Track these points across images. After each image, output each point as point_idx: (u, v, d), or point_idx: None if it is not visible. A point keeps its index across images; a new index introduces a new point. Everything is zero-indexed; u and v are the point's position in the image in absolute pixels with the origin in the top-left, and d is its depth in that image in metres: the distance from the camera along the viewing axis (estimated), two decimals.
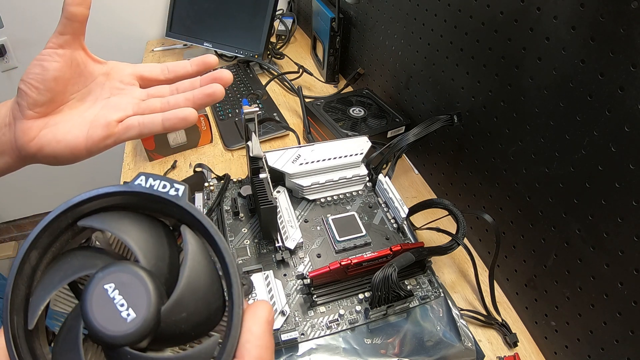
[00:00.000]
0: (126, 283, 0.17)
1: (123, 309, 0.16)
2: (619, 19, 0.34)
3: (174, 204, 0.19)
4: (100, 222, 0.19)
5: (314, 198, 0.56)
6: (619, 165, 0.37)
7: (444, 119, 0.58)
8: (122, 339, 0.16)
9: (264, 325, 0.19)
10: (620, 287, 0.38)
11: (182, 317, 0.18)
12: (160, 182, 0.19)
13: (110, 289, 0.17)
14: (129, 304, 0.17)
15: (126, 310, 0.16)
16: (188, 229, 0.19)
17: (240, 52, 1.05)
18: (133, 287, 0.17)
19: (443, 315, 0.46)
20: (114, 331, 0.16)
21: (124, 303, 0.17)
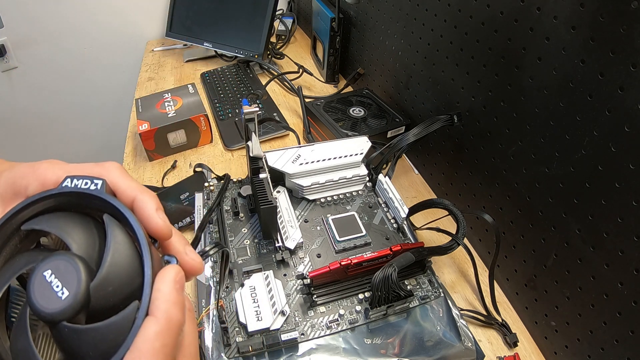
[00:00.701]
0: (61, 268, 0.19)
1: (58, 290, 0.19)
2: (619, 19, 0.34)
3: (94, 196, 0.22)
4: (37, 222, 0.21)
5: (314, 198, 0.56)
6: (619, 165, 0.37)
7: (444, 119, 0.58)
8: (59, 314, 0.19)
9: (171, 284, 0.21)
10: (620, 287, 0.38)
11: (109, 291, 0.20)
12: (83, 181, 0.22)
13: (47, 274, 0.19)
14: (63, 284, 0.19)
15: (61, 290, 0.19)
16: (109, 216, 0.22)
17: (240, 52, 1.05)
18: (66, 271, 0.19)
19: (443, 315, 0.46)
20: (51, 308, 0.19)
21: (59, 284, 0.19)
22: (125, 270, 0.21)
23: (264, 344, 0.40)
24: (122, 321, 0.20)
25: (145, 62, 1.17)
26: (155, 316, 0.19)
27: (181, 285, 0.22)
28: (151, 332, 0.19)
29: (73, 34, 1.24)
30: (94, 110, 1.40)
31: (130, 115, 0.92)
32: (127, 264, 0.21)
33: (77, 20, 1.22)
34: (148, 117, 0.77)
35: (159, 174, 0.76)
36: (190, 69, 1.12)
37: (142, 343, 0.18)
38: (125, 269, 0.21)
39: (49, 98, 1.31)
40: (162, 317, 0.19)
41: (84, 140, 1.46)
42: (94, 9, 1.21)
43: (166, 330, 0.19)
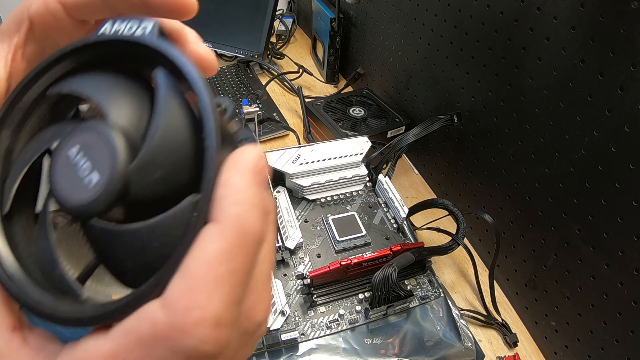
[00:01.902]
0: (90, 144, 0.14)
1: (85, 174, 0.14)
2: (619, 19, 0.34)
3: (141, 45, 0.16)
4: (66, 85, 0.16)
5: (314, 198, 0.56)
6: (619, 165, 0.37)
7: (444, 119, 0.58)
8: (85, 207, 0.14)
9: (248, 176, 0.14)
10: (620, 287, 0.38)
11: (156, 177, 0.14)
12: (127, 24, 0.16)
13: (73, 153, 0.14)
14: (93, 167, 0.14)
15: (89, 175, 0.14)
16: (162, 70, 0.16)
17: (240, 52, 1.05)
18: (98, 147, 0.14)
19: (443, 315, 0.46)
20: (75, 199, 0.14)
21: (88, 166, 0.14)
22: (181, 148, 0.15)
23: (263, 343, 0.40)
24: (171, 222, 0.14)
25: None
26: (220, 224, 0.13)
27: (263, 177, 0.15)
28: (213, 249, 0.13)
29: None
30: None
31: None
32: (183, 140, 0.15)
33: None
34: None
35: None
36: None
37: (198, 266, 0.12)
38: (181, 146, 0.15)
39: None
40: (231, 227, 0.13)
41: None
42: None
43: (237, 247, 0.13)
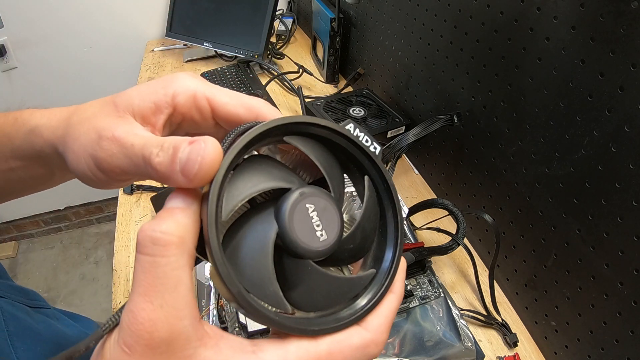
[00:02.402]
0: (323, 208, 0.20)
1: (318, 229, 0.19)
2: (619, 19, 0.34)
3: (369, 158, 0.23)
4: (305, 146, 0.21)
5: None
6: (619, 165, 0.37)
7: (444, 119, 0.58)
8: (314, 253, 0.19)
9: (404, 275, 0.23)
10: (620, 287, 0.38)
11: (349, 247, 0.21)
12: (365, 136, 0.23)
13: (310, 208, 0.19)
14: (323, 226, 0.19)
15: (320, 230, 0.19)
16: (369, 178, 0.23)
17: (240, 52, 1.05)
18: (328, 213, 0.20)
19: (443, 315, 0.46)
20: (309, 245, 0.19)
21: (320, 224, 0.19)
22: (368, 233, 0.22)
23: None
24: (359, 281, 0.21)
25: (145, 62, 1.17)
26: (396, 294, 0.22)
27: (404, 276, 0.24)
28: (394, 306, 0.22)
29: (73, 34, 1.24)
30: None
31: None
32: (370, 228, 0.22)
33: (77, 20, 1.22)
34: None
35: None
36: (190, 69, 1.12)
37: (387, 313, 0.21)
38: (367, 233, 0.22)
39: (49, 98, 1.31)
40: (399, 297, 0.22)
41: None
42: (94, 8, 1.21)
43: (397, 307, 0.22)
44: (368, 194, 0.22)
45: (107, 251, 1.69)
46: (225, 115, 0.24)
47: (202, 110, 0.24)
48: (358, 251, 0.22)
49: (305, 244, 0.19)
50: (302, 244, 0.19)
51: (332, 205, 0.20)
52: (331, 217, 0.20)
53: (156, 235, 0.17)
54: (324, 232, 0.19)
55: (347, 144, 0.22)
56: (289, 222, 0.19)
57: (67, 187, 1.37)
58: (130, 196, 0.71)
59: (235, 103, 0.24)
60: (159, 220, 0.17)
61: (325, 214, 0.20)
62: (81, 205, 1.68)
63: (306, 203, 0.19)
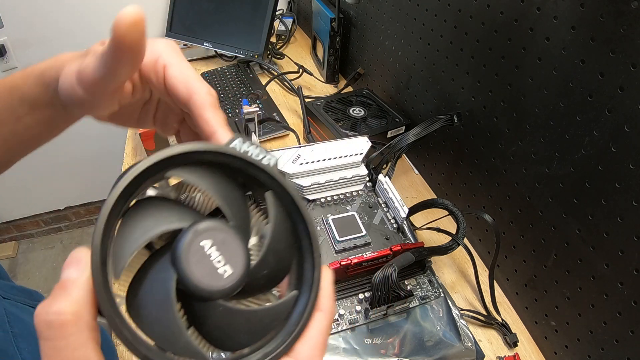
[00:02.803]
0: (222, 241, 0.18)
1: (220, 265, 0.18)
2: (619, 19, 0.34)
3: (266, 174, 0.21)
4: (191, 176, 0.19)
5: (314, 198, 0.56)
6: (619, 165, 0.37)
7: (444, 119, 0.58)
8: (220, 293, 0.17)
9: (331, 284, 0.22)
10: (620, 287, 0.38)
11: (263, 274, 0.20)
12: (256, 149, 0.20)
13: (207, 245, 0.18)
14: (225, 261, 0.18)
15: (223, 266, 0.18)
16: (271, 194, 0.21)
17: (240, 52, 1.05)
18: (229, 246, 0.18)
19: (443, 315, 0.46)
20: (212, 286, 0.17)
21: (221, 260, 0.18)
22: (281, 255, 0.21)
23: None
24: (280, 308, 0.20)
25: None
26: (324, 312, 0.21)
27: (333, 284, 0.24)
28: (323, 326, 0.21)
29: (73, 34, 1.24)
30: None
31: None
32: (282, 250, 0.21)
33: (77, 20, 1.22)
34: None
35: None
36: None
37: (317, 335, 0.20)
38: (281, 254, 0.21)
39: None
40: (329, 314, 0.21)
41: (84, 140, 1.46)
42: (94, 9, 1.22)
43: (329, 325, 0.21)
44: (273, 211, 0.20)
45: None
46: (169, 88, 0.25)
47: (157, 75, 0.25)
48: (276, 274, 0.21)
49: (208, 285, 0.17)
50: (204, 287, 0.17)
51: (233, 236, 0.18)
52: (233, 250, 0.18)
53: (50, 318, 0.16)
54: (228, 267, 0.18)
55: (239, 162, 0.20)
56: (186, 266, 0.17)
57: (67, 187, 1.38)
58: None
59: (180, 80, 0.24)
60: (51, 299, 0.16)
61: (225, 248, 0.18)
62: (81, 205, 1.68)
63: (201, 241, 0.17)
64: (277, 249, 0.20)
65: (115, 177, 0.20)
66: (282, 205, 0.21)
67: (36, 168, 1.46)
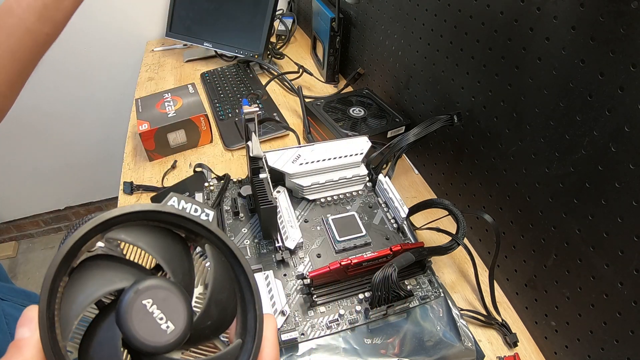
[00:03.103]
0: (163, 298, 0.19)
1: (162, 322, 0.19)
2: (619, 19, 0.34)
3: (204, 228, 0.22)
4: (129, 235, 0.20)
5: (314, 198, 0.56)
6: (619, 165, 0.37)
7: (444, 119, 0.58)
8: (165, 348, 0.19)
9: (274, 332, 0.23)
10: (620, 287, 0.38)
11: (207, 325, 0.21)
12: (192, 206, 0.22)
13: (149, 304, 0.19)
14: (167, 317, 0.19)
15: (165, 323, 0.19)
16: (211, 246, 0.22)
17: (240, 52, 1.05)
18: (170, 302, 0.19)
19: (443, 315, 0.46)
20: (156, 342, 0.18)
21: (163, 317, 0.19)
22: (224, 305, 0.22)
23: None
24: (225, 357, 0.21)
25: (145, 62, 1.17)
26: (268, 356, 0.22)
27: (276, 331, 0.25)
28: None
29: (73, 34, 1.24)
30: (94, 111, 1.40)
31: (130, 115, 0.92)
32: (226, 299, 0.22)
33: (77, 21, 1.22)
34: (148, 117, 0.77)
35: (159, 174, 0.75)
36: (190, 69, 1.12)
37: None
38: (223, 304, 0.22)
39: (49, 98, 1.31)
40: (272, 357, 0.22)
41: (84, 141, 1.46)
42: (93, 9, 1.21)
43: None
44: (213, 263, 0.21)
45: None
46: None
47: None
48: (221, 323, 0.22)
49: (152, 342, 0.18)
50: (149, 344, 0.18)
51: (174, 292, 0.19)
52: (174, 305, 0.19)
53: None
54: (170, 323, 0.19)
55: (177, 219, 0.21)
56: (130, 325, 0.18)
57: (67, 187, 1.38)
58: (130, 196, 0.71)
59: None
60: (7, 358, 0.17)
61: (166, 304, 0.19)
62: (81, 205, 1.68)
63: (142, 299, 0.18)
64: (220, 299, 0.21)
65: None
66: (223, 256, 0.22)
67: (36, 168, 1.46)
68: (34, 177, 1.49)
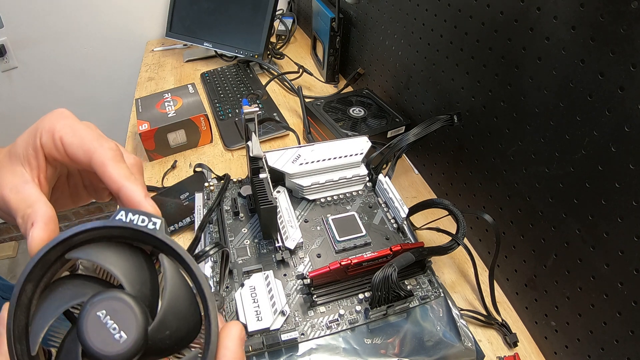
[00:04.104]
0: (116, 309, 0.20)
1: (115, 332, 0.19)
2: (619, 19, 0.34)
3: (152, 237, 0.22)
4: (87, 254, 0.21)
5: (314, 198, 0.56)
6: (619, 165, 0.37)
7: (444, 119, 0.58)
8: (117, 357, 0.19)
9: (237, 341, 0.22)
10: (620, 287, 0.38)
11: (166, 334, 0.21)
12: (139, 217, 0.22)
13: (102, 315, 0.19)
14: (120, 327, 0.19)
15: (118, 333, 0.19)
16: (165, 256, 0.22)
17: (240, 52, 1.05)
18: (122, 313, 0.20)
19: (443, 315, 0.46)
20: (109, 352, 0.19)
21: (116, 327, 0.19)
22: (183, 314, 0.22)
23: (264, 344, 0.40)
24: None
25: (145, 62, 1.17)
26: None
27: (244, 342, 0.23)
28: None
29: (72, 34, 1.24)
30: (93, 110, 1.40)
31: (130, 115, 0.92)
32: (184, 307, 0.22)
33: (77, 21, 1.22)
34: (148, 117, 0.77)
35: (159, 174, 0.75)
36: (190, 69, 1.12)
37: None
38: (183, 311, 0.22)
39: (49, 98, 1.31)
40: None
41: None
42: (93, 9, 1.22)
43: None
44: (169, 272, 0.22)
45: None
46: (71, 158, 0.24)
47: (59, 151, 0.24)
48: (184, 333, 0.22)
49: (105, 351, 0.19)
50: (102, 353, 0.19)
51: (127, 303, 0.20)
52: (126, 316, 0.20)
53: None
54: (122, 333, 0.19)
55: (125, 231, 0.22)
56: (86, 336, 0.19)
57: None
58: None
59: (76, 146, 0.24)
60: None
61: (120, 315, 0.20)
62: (81, 205, 1.68)
63: (97, 312, 0.19)
64: (178, 309, 0.21)
65: None
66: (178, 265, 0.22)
67: None
68: None
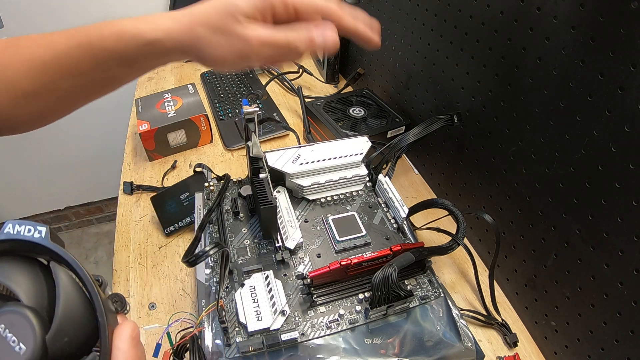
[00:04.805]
0: (14, 322, 0.20)
1: (15, 345, 0.20)
2: (619, 19, 0.34)
3: (40, 245, 0.22)
4: None
5: (314, 198, 0.56)
6: (619, 165, 0.37)
7: (444, 119, 0.58)
8: None
9: (129, 341, 0.22)
10: (620, 287, 0.38)
11: (65, 341, 0.21)
12: (26, 227, 0.22)
13: (2, 329, 0.20)
14: (19, 339, 0.20)
15: (17, 345, 0.20)
16: (56, 264, 0.22)
17: None
18: (20, 325, 0.20)
19: (443, 315, 0.46)
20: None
21: (15, 339, 0.20)
22: (78, 318, 0.22)
23: (264, 344, 0.40)
24: None
25: None
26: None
27: (137, 340, 0.23)
28: None
29: None
30: (93, 110, 1.39)
31: (130, 115, 0.92)
32: (79, 312, 0.22)
33: (77, 21, 1.22)
34: (148, 117, 0.77)
35: (159, 174, 0.76)
36: (190, 68, 1.12)
37: None
38: (78, 317, 0.22)
39: None
40: None
41: (84, 140, 1.46)
42: (93, 9, 1.21)
43: None
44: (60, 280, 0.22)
45: (107, 251, 1.69)
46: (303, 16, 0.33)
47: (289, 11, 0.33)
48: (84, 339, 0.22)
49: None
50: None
51: (24, 315, 0.20)
52: (22, 328, 0.20)
53: None
54: (22, 345, 0.20)
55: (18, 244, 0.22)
56: None
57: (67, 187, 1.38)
58: (130, 196, 0.71)
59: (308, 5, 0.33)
60: None
61: (17, 328, 0.20)
62: (81, 205, 1.68)
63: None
64: (73, 315, 0.22)
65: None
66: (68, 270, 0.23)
67: (36, 168, 1.46)
68: (34, 177, 1.49)
